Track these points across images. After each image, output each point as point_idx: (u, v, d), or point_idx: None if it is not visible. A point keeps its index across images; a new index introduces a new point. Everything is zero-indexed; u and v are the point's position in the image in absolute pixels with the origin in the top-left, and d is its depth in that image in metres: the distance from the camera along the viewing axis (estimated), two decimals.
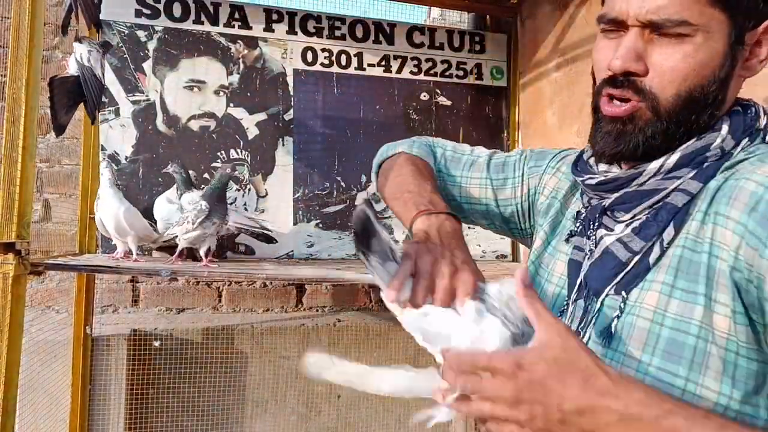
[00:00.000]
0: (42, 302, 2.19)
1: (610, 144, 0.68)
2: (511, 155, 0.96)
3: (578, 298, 0.71)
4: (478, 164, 0.97)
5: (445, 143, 1.01)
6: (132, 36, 2.09)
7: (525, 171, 0.92)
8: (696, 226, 0.63)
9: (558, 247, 0.80)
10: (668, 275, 0.64)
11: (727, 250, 0.58)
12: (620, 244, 0.68)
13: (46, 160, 2.23)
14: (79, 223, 2.00)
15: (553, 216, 0.84)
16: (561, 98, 2.17)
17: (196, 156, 2.13)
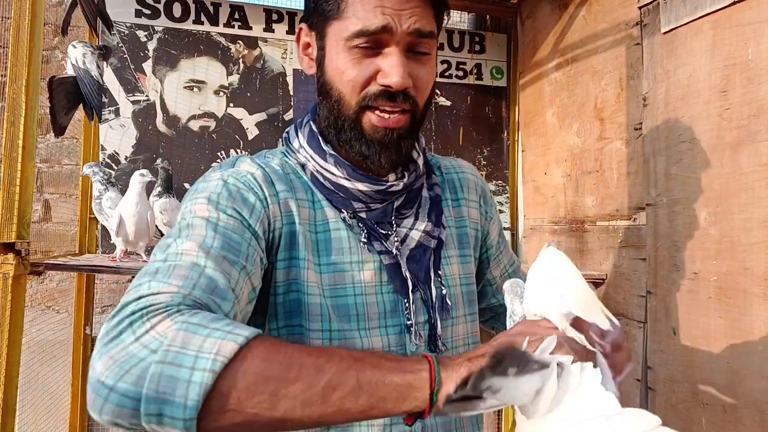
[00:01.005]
0: (42, 302, 2.19)
1: (393, 154, 0.79)
2: (206, 225, 0.69)
3: (415, 291, 0.81)
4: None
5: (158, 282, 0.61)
6: (132, 36, 2.08)
7: (250, 224, 0.72)
8: (450, 210, 0.91)
9: (351, 259, 0.79)
10: (455, 248, 0.90)
11: (475, 221, 0.95)
12: (426, 234, 0.84)
13: (46, 160, 2.23)
14: (79, 223, 2.00)
15: (302, 240, 0.76)
16: (561, 98, 2.17)
17: (196, 156, 2.13)
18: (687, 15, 1.50)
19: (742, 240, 1.34)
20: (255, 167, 0.78)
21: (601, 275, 1.87)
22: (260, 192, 0.75)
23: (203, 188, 0.74)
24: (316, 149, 0.81)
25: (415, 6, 0.73)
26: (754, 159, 1.31)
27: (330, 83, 0.77)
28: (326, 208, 0.81)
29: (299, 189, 0.80)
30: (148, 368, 0.50)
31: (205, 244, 0.65)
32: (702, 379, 1.44)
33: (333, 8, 0.74)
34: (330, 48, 0.76)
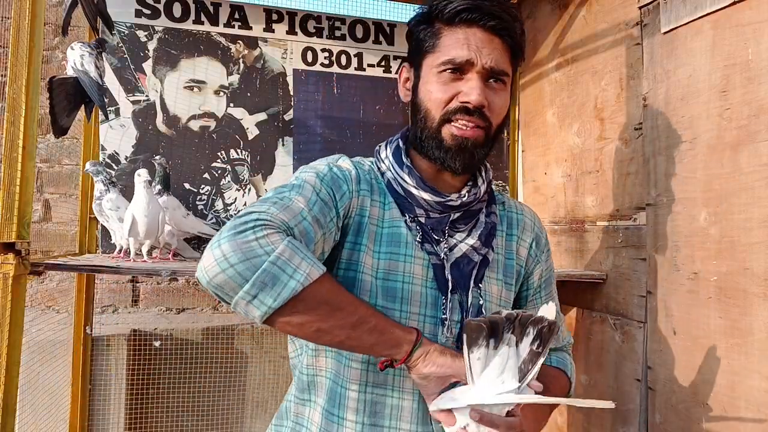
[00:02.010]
0: (42, 302, 2.19)
1: (465, 159, 0.95)
2: (313, 191, 0.90)
3: (453, 292, 0.94)
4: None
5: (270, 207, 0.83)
6: (132, 36, 2.09)
7: (338, 205, 0.92)
8: (503, 241, 1.03)
9: (406, 252, 0.94)
10: (498, 273, 1.01)
11: (522, 258, 1.06)
12: (473, 249, 0.97)
13: (46, 160, 2.23)
14: (79, 223, 2.00)
15: (367, 231, 0.93)
16: (561, 98, 2.17)
17: (196, 156, 2.13)
18: (687, 15, 1.50)
19: (742, 240, 1.33)
20: (351, 167, 0.97)
21: (601, 275, 1.87)
22: (351, 185, 0.93)
23: (315, 166, 0.95)
24: (397, 160, 0.99)
25: (494, 47, 0.91)
26: (754, 159, 1.31)
27: (420, 102, 0.94)
28: (394, 210, 0.97)
29: (376, 191, 0.98)
30: (262, 264, 0.72)
31: (309, 202, 0.85)
32: (702, 379, 1.44)
33: (430, 45, 0.93)
34: (423, 75, 0.94)
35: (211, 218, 2.10)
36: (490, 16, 0.90)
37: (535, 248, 1.09)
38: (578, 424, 1.98)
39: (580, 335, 2.00)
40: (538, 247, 1.10)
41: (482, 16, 0.90)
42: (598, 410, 1.87)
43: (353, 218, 0.93)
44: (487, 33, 0.91)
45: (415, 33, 0.96)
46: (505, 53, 0.93)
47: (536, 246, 1.10)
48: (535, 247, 1.10)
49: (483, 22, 0.90)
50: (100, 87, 1.62)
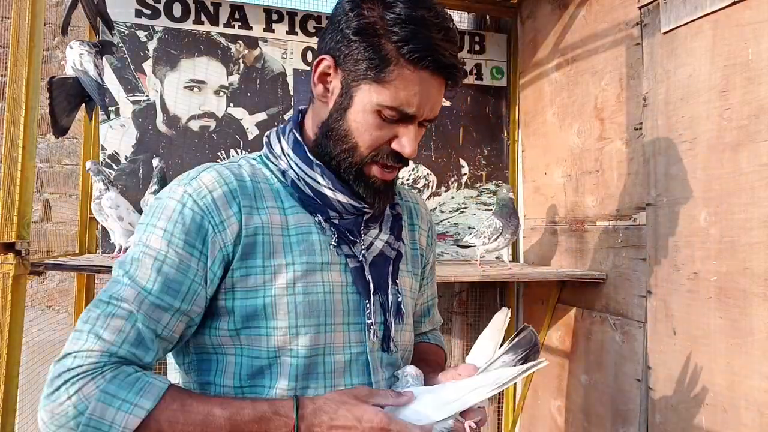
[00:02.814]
0: (42, 302, 2.19)
1: (388, 198, 0.93)
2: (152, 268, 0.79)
3: (375, 294, 0.90)
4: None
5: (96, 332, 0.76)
6: (132, 36, 2.08)
7: (203, 251, 0.81)
8: (406, 232, 1.01)
9: (322, 260, 0.87)
10: (408, 265, 1.00)
11: (422, 247, 1.05)
12: (387, 245, 0.94)
13: (46, 160, 2.23)
14: (79, 223, 2.00)
15: (269, 247, 0.84)
16: (561, 98, 2.17)
17: (196, 156, 2.13)
18: (687, 15, 1.50)
19: (742, 240, 1.33)
20: (218, 183, 0.84)
21: (601, 275, 1.87)
22: (216, 217, 0.81)
23: (163, 208, 0.82)
24: (302, 158, 0.89)
25: (440, 95, 0.87)
26: (754, 159, 1.31)
27: (348, 132, 0.85)
28: (299, 214, 0.88)
29: (268, 198, 0.87)
30: (78, 426, 0.70)
31: (142, 293, 0.77)
32: (702, 379, 1.44)
33: (375, 71, 0.81)
34: (358, 102, 0.83)
35: None
36: (451, 68, 0.84)
37: (430, 236, 1.09)
38: (578, 424, 1.98)
39: (580, 335, 2.00)
40: (431, 236, 1.10)
41: (444, 67, 0.83)
42: (598, 410, 1.87)
43: (236, 246, 0.82)
44: (439, 80, 0.84)
45: (354, 40, 0.82)
46: (443, 96, 0.89)
47: (431, 234, 1.10)
48: (430, 235, 1.09)
49: (442, 71, 0.83)
50: (99, 86, 1.61)
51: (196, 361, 0.86)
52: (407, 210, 1.05)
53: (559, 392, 2.11)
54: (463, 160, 2.45)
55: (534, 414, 2.30)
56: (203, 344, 0.85)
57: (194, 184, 0.83)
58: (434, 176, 2.42)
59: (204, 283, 0.80)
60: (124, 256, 0.82)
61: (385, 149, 0.85)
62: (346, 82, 0.84)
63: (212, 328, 0.83)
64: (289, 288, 0.83)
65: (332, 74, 0.86)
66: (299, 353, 0.82)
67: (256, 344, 0.82)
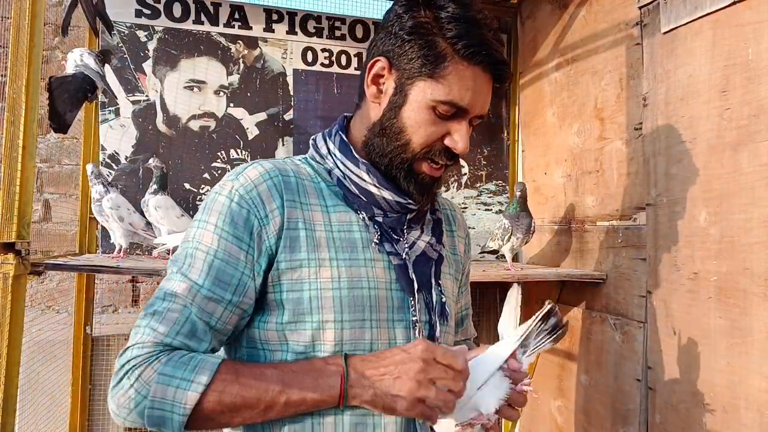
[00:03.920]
0: (42, 302, 2.19)
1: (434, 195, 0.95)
2: (204, 260, 0.82)
3: (419, 292, 0.91)
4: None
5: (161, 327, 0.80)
6: (132, 36, 2.08)
7: (251, 245, 0.83)
8: (446, 237, 1.02)
9: (365, 256, 0.88)
10: (450, 268, 1.01)
11: (461, 254, 1.07)
12: (430, 246, 0.95)
13: (46, 160, 2.23)
14: (79, 223, 2.00)
15: (313, 241, 0.85)
16: (561, 98, 2.17)
17: (196, 156, 2.13)
18: (687, 15, 1.50)
19: (742, 240, 1.33)
20: (263, 178, 0.86)
21: (601, 275, 1.87)
22: (261, 210, 0.84)
23: (213, 204, 0.85)
24: (348, 156, 0.91)
25: (489, 93, 0.89)
26: (754, 159, 1.31)
27: (402, 129, 0.86)
28: (342, 212, 0.90)
29: (312, 194, 0.89)
30: (144, 410, 0.75)
31: (194, 287, 0.80)
32: (702, 379, 1.44)
33: (429, 67, 0.84)
34: (413, 99, 0.85)
35: None
36: (502, 64, 0.87)
37: (467, 244, 1.11)
38: (578, 424, 1.98)
39: (580, 335, 2.00)
40: (468, 243, 1.11)
41: (496, 63, 0.86)
42: (598, 410, 1.87)
43: (280, 239, 0.84)
44: (490, 79, 0.88)
45: (408, 39, 0.85)
46: (491, 94, 0.91)
47: (467, 242, 1.11)
48: (467, 243, 1.11)
49: (493, 68, 0.87)
50: (101, 76, 1.64)
51: (246, 356, 0.87)
52: (445, 217, 1.06)
53: (559, 392, 2.11)
54: (463, 160, 2.45)
55: (534, 414, 2.30)
56: (253, 338, 0.86)
57: (241, 180, 0.86)
58: None
59: (252, 275, 0.83)
60: (176, 253, 0.86)
61: (437, 146, 0.87)
62: (401, 81, 0.87)
63: (261, 322, 0.85)
64: (335, 282, 0.84)
65: (386, 75, 0.88)
66: (344, 348, 0.83)
67: (302, 339, 0.83)
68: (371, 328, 0.86)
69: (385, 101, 0.88)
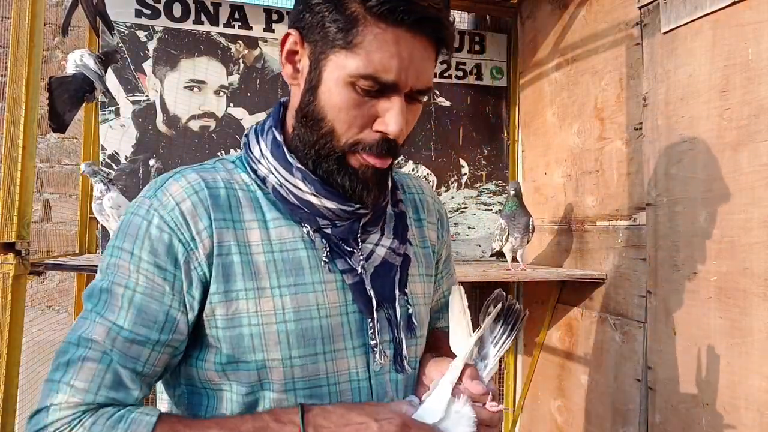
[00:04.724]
0: (42, 302, 2.19)
1: (380, 192, 0.78)
2: (122, 297, 0.70)
3: (379, 310, 0.78)
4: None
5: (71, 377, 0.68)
6: (132, 36, 2.08)
7: (176, 276, 0.71)
8: (416, 230, 0.90)
9: (313, 279, 0.75)
10: (420, 267, 0.87)
11: (433, 243, 0.93)
12: (391, 251, 0.81)
13: (46, 160, 2.23)
14: (79, 223, 2.00)
15: (249, 267, 0.72)
16: (561, 98, 2.17)
17: (196, 156, 2.13)
18: (687, 15, 1.50)
19: (742, 240, 1.34)
20: (186, 193, 0.73)
21: (601, 275, 1.87)
22: (186, 233, 0.70)
23: (128, 227, 0.72)
24: (281, 161, 0.76)
25: (425, 58, 0.71)
26: (754, 159, 1.31)
27: (321, 114, 0.72)
28: (283, 227, 0.76)
29: (246, 209, 0.75)
30: None
31: (113, 329, 0.68)
32: (702, 379, 1.44)
33: (341, 35, 0.68)
34: (328, 76, 0.70)
35: None
36: (433, 20, 0.69)
37: (440, 229, 0.96)
38: (578, 424, 1.98)
39: (580, 335, 2.00)
40: (442, 227, 0.97)
41: (423, 20, 0.68)
42: (598, 410, 1.87)
43: (210, 266, 0.71)
44: (421, 39, 0.69)
45: (316, 3, 0.70)
46: (433, 61, 0.73)
47: (441, 226, 0.96)
48: (440, 228, 0.96)
49: (421, 26, 0.68)
50: (100, 77, 1.64)
51: (187, 394, 0.77)
52: (412, 204, 0.92)
53: (559, 392, 2.11)
54: (463, 160, 2.45)
55: (534, 414, 2.30)
56: (192, 377, 0.75)
57: (160, 196, 0.72)
58: (434, 176, 2.42)
59: (183, 308, 0.71)
60: (90, 286, 0.72)
61: (368, 137, 0.72)
62: (314, 55, 0.71)
63: (199, 360, 0.74)
64: (278, 314, 0.72)
65: (300, 50, 0.73)
66: (296, 386, 0.73)
67: (246, 380, 0.72)
68: (326, 362, 0.74)
69: (303, 82, 0.74)
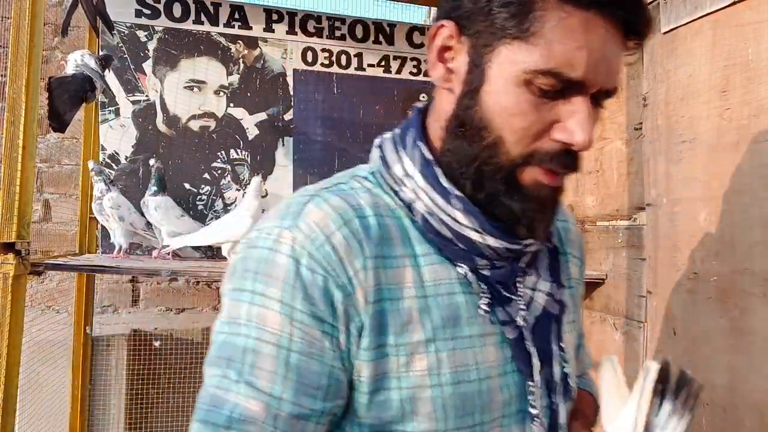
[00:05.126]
0: (42, 302, 2.19)
1: (551, 219, 0.65)
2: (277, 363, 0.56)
3: (541, 371, 0.64)
4: None
5: None
6: (132, 36, 2.08)
7: (333, 339, 0.57)
8: (563, 265, 0.73)
9: (471, 332, 0.61)
10: (570, 314, 0.71)
11: (577, 280, 0.79)
12: (549, 298, 0.67)
13: (46, 160, 2.23)
14: (79, 223, 2.00)
15: (401, 317, 0.58)
16: None
17: (196, 156, 2.13)
18: (687, 15, 1.50)
19: (742, 240, 1.34)
20: (335, 225, 0.58)
21: (601, 275, 1.87)
22: (342, 275, 0.56)
23: (268, 266, 0.56)
24: (435, 186, 0.61)
25: (614, 54, 0.56)
26: (754, 159, 1.31)
27: (486, 121, 0.57)
28: (436, 264, 0.61)
29: (396, 241, 0.60)
30: None
31: (272, 405, 0.54)
32: (702, 379, 1.44)
33: (513, 22, 0.55)
34: (496, 74, 0.56)
35: (210, 218, 2.10)
36: (633, 7, 0.55)
37: (582, 262, 0.82)
38: None
39: None
40: (583, 262, 0.82)
41: (621, 6, 0.54)
42: None
43: (367, 315, 0.57)
44: (614, 26, 0.54)
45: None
46: (621, 60, 0.58)
47: (582, 258, 0.82)
48: (582, 261, 0.82)
49: (614, 8, 0.54)
50: (101, 75, 1.65)
51: None
52: (557, 234, 0.76)
53: None
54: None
55: None
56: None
57: (303, 228, 0.57)
58: None
59: (343, 365, 0.58)
60: (220, 343, 0.58)
61: (547, 146, 0.57)
62: (476, 50, 0.58)
63: (337, 429, 0.61)
64: (433, 376, 0.58)
65: (455, 46, 0.60)
66: None
67: None
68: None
69: (459, 85, 0.60)
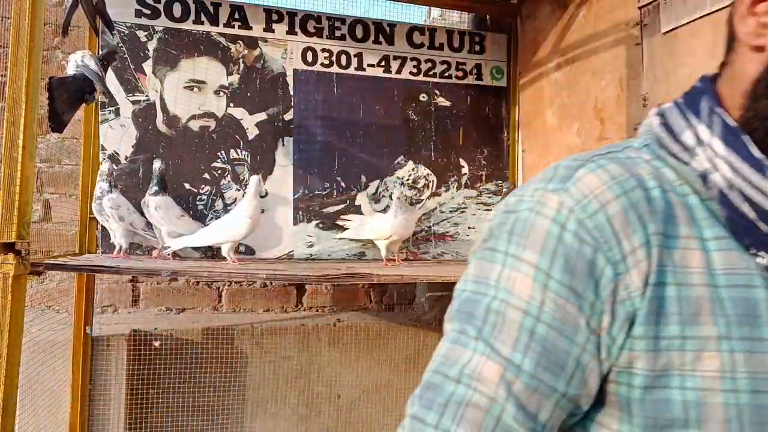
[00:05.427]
0: (42, 302, 2.19)
1: None
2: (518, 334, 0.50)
3: None
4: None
5: None
6: (132, 36, 2.08)
7: (590, 319, 0.50)
8: None
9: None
10: None
11: None
12: None
13: (46, 160, 2.23)
14: (79, 223, 2.00)
15: (687, 306, 0.50)
16: (561, 98, 2.17)
17: (196, 156, 2.13)
18: (687, 15, 1.50)
19: None
20: (612, 192, 0.51)
21: None
22: (616, 249, 0.50)
23: (527, 228, 0.52)
24: (743, 153, 0.51)
25: None
26: None
27: None
28: (731, 251, 0.52)
29: (681, 220, 0.52)
30: None
31: (510, 371, 0.49)
32: None
33: None
34: None
35: (210, 218, 2.10)
36: None
37: None
38: None
39: None
40: None
41: None
42: None
43: (641, 300, 0.50)
44: None
45: None
46: None
47: None
48: None
49: None
50: (101, 77, 1.65)
51: None
52: None
53: None
54: (463, 160, 2.45)
55: None
56: None
57: (574, 192, 0.51)
58: (434, 176, 2.42)
59: (597, 352, 0.51)
60: (463, 298, 0.53)
61: None
62: None
63: (592, 428, 0.54)
64: (726, 379, 0.49)
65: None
66: None
67: None
68: None
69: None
